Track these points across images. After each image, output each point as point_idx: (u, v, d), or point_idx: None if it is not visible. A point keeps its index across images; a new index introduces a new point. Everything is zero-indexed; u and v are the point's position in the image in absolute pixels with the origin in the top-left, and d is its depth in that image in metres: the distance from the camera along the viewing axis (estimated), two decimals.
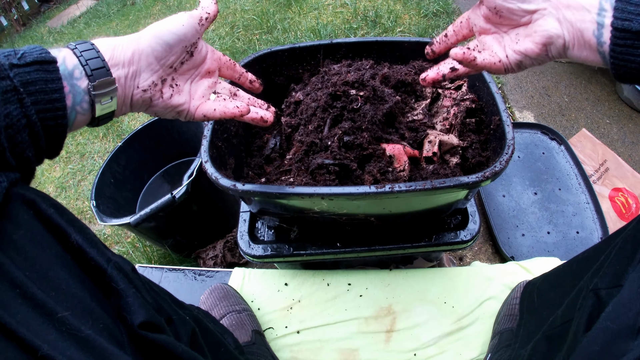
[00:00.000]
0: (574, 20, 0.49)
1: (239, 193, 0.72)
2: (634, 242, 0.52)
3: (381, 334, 0.96)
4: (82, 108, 0.51)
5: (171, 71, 0.60)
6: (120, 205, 1.38)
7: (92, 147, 2.12)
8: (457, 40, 0.64)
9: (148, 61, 0.57)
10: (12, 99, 0.43)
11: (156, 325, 0.50)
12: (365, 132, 0.76)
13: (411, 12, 2.26)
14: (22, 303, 0.38)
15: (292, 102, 0.89)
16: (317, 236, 0.92)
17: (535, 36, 0.53)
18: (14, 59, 0.45)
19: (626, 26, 0.45)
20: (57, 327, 0.39)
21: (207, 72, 0.66)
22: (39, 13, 5.07)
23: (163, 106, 0.60)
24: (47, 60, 0.47)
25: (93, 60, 0.51)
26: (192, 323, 0.62)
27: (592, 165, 1.58)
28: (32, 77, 0.45)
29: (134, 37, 0.57)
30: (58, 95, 0.47)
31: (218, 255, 1.32)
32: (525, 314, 0.81)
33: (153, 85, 0.58)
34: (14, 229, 0.41)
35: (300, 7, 2.50)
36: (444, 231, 0.90)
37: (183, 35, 0.59)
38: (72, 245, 0.46)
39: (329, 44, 1.00)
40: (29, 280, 0.39)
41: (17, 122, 0.43)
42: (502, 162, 0.71)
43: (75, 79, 0.50)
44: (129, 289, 0.49)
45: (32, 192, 0.45)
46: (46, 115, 0.46)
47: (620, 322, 0.45)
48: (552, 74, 2.02)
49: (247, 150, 0.98)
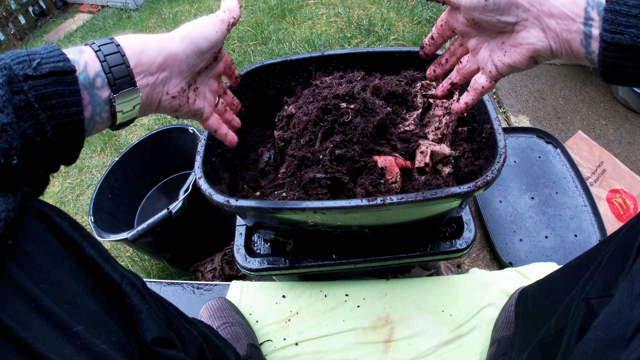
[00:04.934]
0: (559, 30, 0.47)
1: (232, 209, 0.73)
2: (624, 250, 0.52)
3: (379, 344, 0.96)
4: (101, 118, 0.49)
5: (196, 75, 0.60)
6: (118, 220, 1.38)
7: (90, 161, 2.13)
8: (444, 41, 0.65)
9: (180, 67, 0.55)
10: (26, 115, 0.40)
11: (167, 341, 0.50)
12: (357, 145, 0.77)
13: (404, 20, 2.27)
14: (37, 317, 0.37)
15: (285, 115, 0.89)
16: (313, 248, 0.92)
17: (522, 49, 0.52)
18: (29, 68, 0.41)
19: (617, 40, 0.42)
20: (71, 341, 0.38)
21: (218, 74, 0.66)
22: (36, 27, 5.11)
23: (187, 111, 0.60)
24: (65, 70, 0.43)
25: (117, 67, 0.48)
26: (199, 338, 0.63)
27: (589, 167, 1.58)
28: (48, 90, 0.42)
29: (166, 38, 0.54)
30: (76, 109, 0.44)
31: (216, 268, 1.32)
32: (520, 322, 0.81)
33: (182, 91, 0.57)
34: (28, 241, 0.40)
35: (294, 17, 2.52)
36: (439, 240, 0.91)
37: (215, 42, 0.57)
38: (87, 259, 0.45)
39: (320, 56, 1.01)
40: (44, 293, 0.38)
41: (31, 140, 0.41)
42: (494, 171, 0.72)
43: (96, 88, 0.47)
44: (142, 304, 0.49)
45: (45, 206, 0.45)
46: (62, 130, 0.44)
47: (611, 332, 0.45)
48: (547, 77, 2.03)
49: (241, 164, 0.99)
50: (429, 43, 0.66)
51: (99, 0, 4.69)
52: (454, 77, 0.66)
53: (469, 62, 0.63)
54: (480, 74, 0.61)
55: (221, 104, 0.71)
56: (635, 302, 0.43)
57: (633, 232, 0.52)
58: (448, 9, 0.60)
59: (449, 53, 0.66)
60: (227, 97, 0.74)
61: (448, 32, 0.62)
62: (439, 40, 0.64)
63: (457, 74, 0.65)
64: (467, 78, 0.65)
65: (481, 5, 0.52)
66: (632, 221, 0.54)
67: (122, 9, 4.27)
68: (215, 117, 0.69)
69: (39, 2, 5.16)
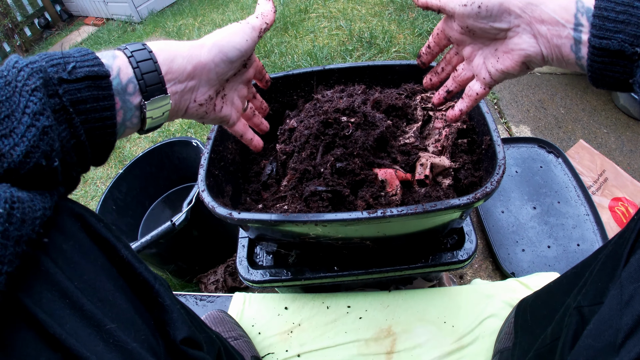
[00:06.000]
0: (550, 36, 0.48)
1: (235, 221, 0.74)
2: (614, 258, 0.53)
3: (381, 355, 0.96)
4: (131, 123, 0.49)
5: (224, 83, 0.60)
6: (122, 232, 1.40)
7: (94, 173, 2.15)
8: (440, 50, 0.66)
9: (209, 76, 0.55)
10: (60, 119, 0.40)
11: (196, 342, 0.51)
12: (357, 158, 0.78)
13: (405, 32, 2.30)
14: (71, 313, 0.38)
15: (287, 129, 0.90)
16: (315, 260, 0.93)
17: (514, 54, 0.53)
18: (64, 72, 0.41)
19: (604, 45, 0.43)
20: (104, 339, 0.39)
21: (247, 80, 0.66)
22: (41, 39, 5.18)
23: (213, 117, 0.61)
24: (100, 75, 0.43)
25: (149, 74, 0.48)
26: (218, 342, 0.63)
27: (591, 176, 1.58)
28: (83, 95, 0.42)
29: (196, 46, 0.54)
30: (109, 114, 0.44)
31: (219, 279, 1.33)
32: (519, 332, 0.81)
33: (209, 99, 0.57)
34: (64, 239, 0.41)
35: (297, 30, 2.55)
36: (440, 251, 0.91)
37: (245, 51, 0.57)
38: (121, 259, 0.46)
39: (321, 70, 1.03)
40: (78, 290, 0.39)
41: (66, 143, 0.41)
42: (493, 183, 0.72)
43: (128, 94, 0.47)
44: (174, 305, 0.50)
45: (79, 207, 0.45)
46: (95, 133, 0.44)
47: (602, 339, 0.45)
48: (548, 87, 2.04)
49: (244, 177, 1.00)
50: (425, 52, 0.67)
51: (103, 13, 4.77)
52: (449, 84, 0.67)
53: (464, 70, 0.64)
54: (475, 81, 0.62)
55: (250, 109, 0.71)
56: (624, 308, 0.44)
57: (623, 239, 0.52)
58: (444, 18, 0.62)
59: (444, 62, 0.68)
60: (256, 101, 0.74)
61: (444, 41, 0.64)
62: (435, 49, 0.66)
63: (453, 82, 0.67)
64: (462, 85, 0.66)
65: (474, 12, 0.53)
66: (624, 229, 0.54)
67: (126, 22, 4.33)
68: (242, 122, 0.69)
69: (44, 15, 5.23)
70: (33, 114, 0.37)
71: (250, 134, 0.71)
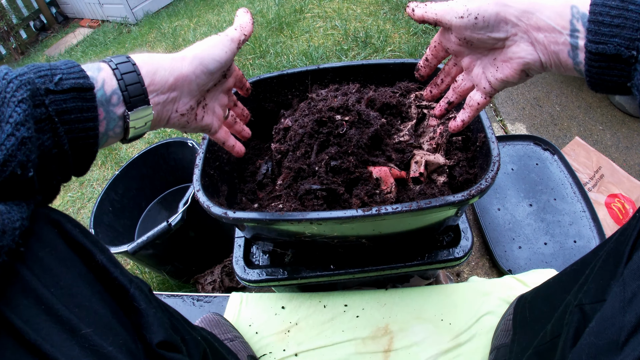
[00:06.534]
0: (547, 43, 0.49)
1: (230, 221, 0.74)
2: (616, 255, 0.53)
3: (379, 354, 0.96)
4: (114, 132, 0.51)
5: (205, 93, 0.62)
6: (119, 233, 1.39)
7: (90, 174, 2.14)
8: (438, 62, 0.66)
9: (190, 88, 0.57)
10: (45, 128, 0.42)
11: (173, 344, 0.51)
12: (352, 156, 0.78)
13: (401, 31, 2.30)
14: (47, 319, 0.38)
15: (282, 128, 0.90)
16: (311, 259, 0.93)
17: (513, 63, 0.53)
18: (50, 83, 0.43)
19: (601, 50, 0.43)
20: (80, 344, 0.39)
21: (228, 89, 0.68)
22: (37, 42, 5.17)
23: (195, 127, 0.62)
24: (85, 87, 0.45)
25: (133, 86, 0.50)
26: (203, 344, 0.64)
27: (587, 172, 1.59)
28: (68, 105, 0.43)
29: (177, 58, 0.55)
30: (92, 124, 0.46)
31: (216, 280, 1.33)
32: (518, 329, 0.81)
33: (190, 109, 0.59)
34: (40, 247, 0.42)
35: (292, 30, 2.55)
36: (436, 249, 0.91)
37: (224, 63, 0.59)
38: (97, 264, 0.46)
39: (316, 69, 1.03)
40: (54, 297, 0.40)
41: (48, 152, 0.42)
42: (488, 179, 0.73)
43: (112, 105, 0.49)
44: (149, 308, 0.50)
45: (56, 213, 0.46)
46: (78, 143, 0.45)
47: (604, 337, 0.45)
48: (543, 84, 2.04)
49: (240, 177, 1.00)
50: (423, 65, 0.67)
51: (99, 15, 4.76)
52: (450, 96, 0.68)
53: (463, 81, 0.64)
54: (475, 91, 0.62)
55: (231, 117, 0.73)
56: (627, 306, 0.44)
57: (624, 236, 0.52)
58: (440, 30, 0.62)
59: (444, 73, 0.68)
60: (237, 109, 0.76)
61: (442, 53, 0.64)
62: (433, 61, 0.66)
63: (453, 93, 0.67)
64: (462, 96, 0.66)
65: (471, 24, 0.53)
66: (625, 226, 0.55)
67: (122, 24, 4.32)
68: (223, 129, 0.70)
69: (40, 17, 5.22)
70: (15, 124, 0.38)
71: (232, 141, 0.73)
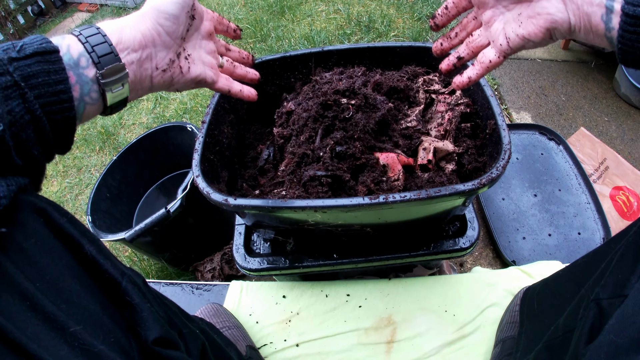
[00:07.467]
0: (581, 3, 0.46)
1: (231, 208, 0.71)
2: (635, 249, 0.51)
3: (382, 345, 0.94)
4: (91, 98, 0.49)
5: (182, 42, 0.59)
6: (117, 220, 1.37)
7: (88, 160, 2.11)
8: (458, 13, 0.63)
9: (162, 39, 0.55)
10: (13, 94, 0.41)
11: (170, 341, 0.48)
12: (358, 142, 0.75)
13: (404, 16, 2.25)
14: (32, 316, 0.36)
15: (284, 112, 0.87)
16: (313, 248, 0.90)
17: (540, 19, 0.50)
18: (13, 52, 0.42)
19: (638, 12, 0.41)
20: (68, 342, 0.37)
21: (208, 34, 0.65)
22: (35, 27, 5.08)
23: (184, 81, 0.60)
24: (48, 50, 0.44)
25: (100, 46, 0.49)
26: (201, 337, 0.61)
27: (592, 164, 1.56)
28: (33, 69, 0.43)
29: (138, 15, 0.54)
30: (63, 87, 0.45)
31: (216, 268, 1.31)
32: (525, 322, 0.79)
33: (171, 63, 0.56)
34: (24, 237, 0.39)
35: (294, 14, 2.50)
36: (442, 239, 0.89)
37: (183, 1, 0.57)
38: (86, 256, 0.44)
39: (320, 51, 0.99)
40: (40, 292, 0.37)
41: (20, 118, 0.41)
42: (498, 168, 0.70)
43: (81, 67, 0.48)
44: (143, 303, 0.47)
45: (43, 201, 0.44)
46: (52, 108, 0.44)
47: (625, 335, 0.43)
48: (549, 74, 2.01)
49: (240, 162, 0.97)
50: (442, 13, 0.63)
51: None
52: (462, 50, 0.64)
53: (480, 36, 0.61)
54: (490, 48, 0.59)
55: (228, 63, 0.70)
56: None
57: None
58: None
59: (460, 26, 0.64)
60: (233, 53, 0.73)
61: (464, 2, 0.60)
62: (452, 10, 0.62)
63: (466, 48, 0.63)
64: (475, 53, 0.63)
65: None
66: None
67: (121, 7, 4.25)
68: (223, 77, 0.67)
69: (37, 2, 5.13)
70: None
71: (238, 86, 0.70)
